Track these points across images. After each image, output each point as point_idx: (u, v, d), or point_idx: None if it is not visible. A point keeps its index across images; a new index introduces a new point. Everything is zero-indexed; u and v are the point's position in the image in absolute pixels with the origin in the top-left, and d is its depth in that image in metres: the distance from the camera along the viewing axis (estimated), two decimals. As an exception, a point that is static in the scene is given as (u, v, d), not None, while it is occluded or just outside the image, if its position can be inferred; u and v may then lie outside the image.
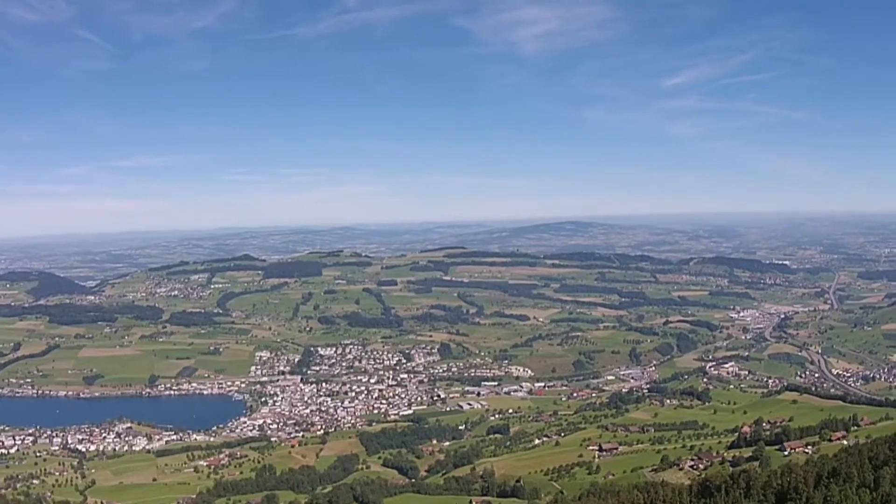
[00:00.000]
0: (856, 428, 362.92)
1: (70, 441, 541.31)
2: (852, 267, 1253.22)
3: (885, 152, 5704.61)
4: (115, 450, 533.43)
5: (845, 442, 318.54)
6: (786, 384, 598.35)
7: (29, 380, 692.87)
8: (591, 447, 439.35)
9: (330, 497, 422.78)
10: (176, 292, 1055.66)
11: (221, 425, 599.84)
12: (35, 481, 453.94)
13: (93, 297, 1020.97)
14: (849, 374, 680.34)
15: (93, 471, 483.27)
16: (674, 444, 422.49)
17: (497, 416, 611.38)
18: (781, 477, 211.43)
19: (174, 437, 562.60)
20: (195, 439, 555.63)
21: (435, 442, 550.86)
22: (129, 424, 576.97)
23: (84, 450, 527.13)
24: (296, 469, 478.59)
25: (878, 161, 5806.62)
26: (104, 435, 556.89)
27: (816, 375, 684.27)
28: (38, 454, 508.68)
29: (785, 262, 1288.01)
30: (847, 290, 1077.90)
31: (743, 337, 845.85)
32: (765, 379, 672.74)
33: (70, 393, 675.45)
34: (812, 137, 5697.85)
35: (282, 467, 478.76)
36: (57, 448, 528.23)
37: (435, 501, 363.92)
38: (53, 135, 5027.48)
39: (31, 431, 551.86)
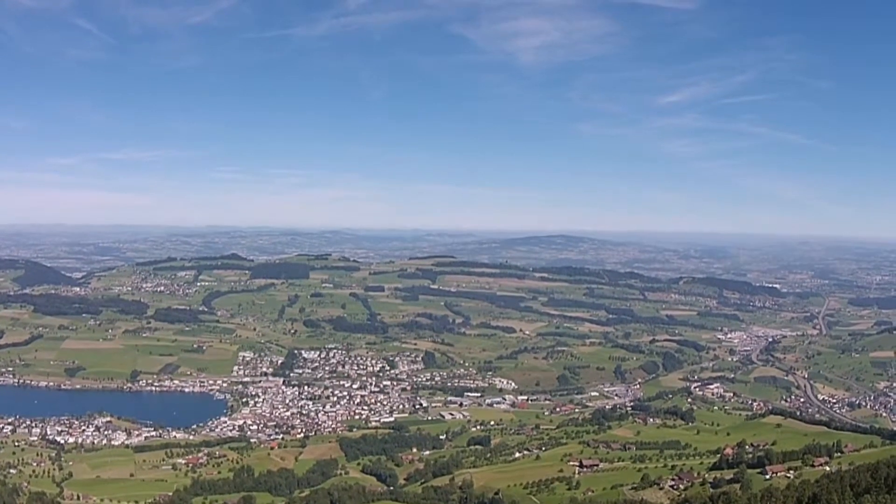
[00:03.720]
0: (839, 454, 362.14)
1: (49, 432, 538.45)
2: (843, 293, 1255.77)
3: (881, 179, 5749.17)
4: (93, 443, 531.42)
5: (828, 468, 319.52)
6: (770, 408, 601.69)
7: (10, 369, 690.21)
8: (571, 462, 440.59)
9: (307, 501, 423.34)
10: (162, 288, 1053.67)
11: (201, 424, 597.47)
12: (12, 471, 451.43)
13: (78, 289, 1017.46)
14: (834, 400, 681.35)
15: (70, 463, 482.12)
16: (655, 463, 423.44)
17: (479, 427, 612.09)
18: (762, 501, 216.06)
19: (154, 433, 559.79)
20: (174, 437, 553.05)
21: (415, 450, 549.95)
22: (108, 418, 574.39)
23: (63, 441, 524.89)
24: (274, 471, 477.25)
25: (873, 188, 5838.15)
26: (83, 428, 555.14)
27: (802, 400, 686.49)
28: (16, 444, 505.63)
29: (775, 286, 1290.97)
30: (836, 316, 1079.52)
31: (729, 358, 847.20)
32: (750, 401, 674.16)
33: (51, 384, 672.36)
34: (808, 161, 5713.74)
35: (260, 469, 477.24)
36: (35, 438, 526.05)
37: None
38: (45, 123, 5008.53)
39: (10, 421, 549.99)
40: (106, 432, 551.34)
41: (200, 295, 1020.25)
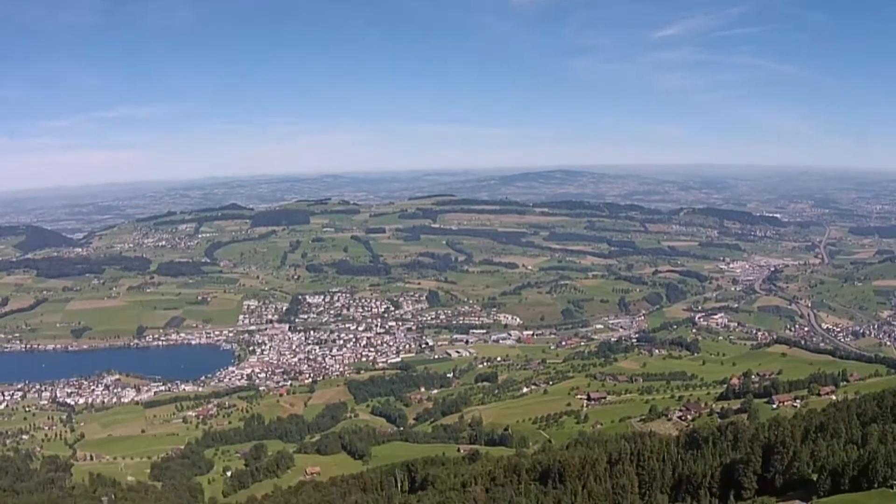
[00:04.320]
0: (845, 383, 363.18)
1: (59, 395, 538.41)
2: (843, 222, 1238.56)
3: (877, 110, 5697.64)
4: (103, 402, 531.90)
5: (834, 397, 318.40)
6: (775, 337, 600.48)
7: (17, 334, 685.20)
8: (579, 396, 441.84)
9: (318, 446, 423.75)
10: (163, 242, 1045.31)
11: (210, 375, 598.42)
12: (24, 436, 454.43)
13: (80, 250, 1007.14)
14: (839, 329, 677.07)
15: (81, 424, 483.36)
16: (662, 395, 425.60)
17: (485, 363, 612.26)
18: (769, 430, 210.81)
19: (162, 387, 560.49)
20: (183, 390, 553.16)
21: (423, 390, 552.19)
22: (117, 376, 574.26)
23: (73, 403, 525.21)
24: (284, 418, 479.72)
25: (870, 118, 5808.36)
26: (92, 388, 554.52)
27: (806, 329, 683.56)
28: (26, 409, 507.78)
29: (775, 215, 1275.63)
30: (838, 245, 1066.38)
31: (732, 288, 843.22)
32: (754, 331, 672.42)
33: (58, 346, 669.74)
34: (804, 92, 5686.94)
35: (270, 416, 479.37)
36: (46, 402, 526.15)
37: (423, 450, 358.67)
38: (38, 88, 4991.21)
39: (19, 386, 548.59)
40: (115, 390, 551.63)
41: (202, 247, 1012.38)
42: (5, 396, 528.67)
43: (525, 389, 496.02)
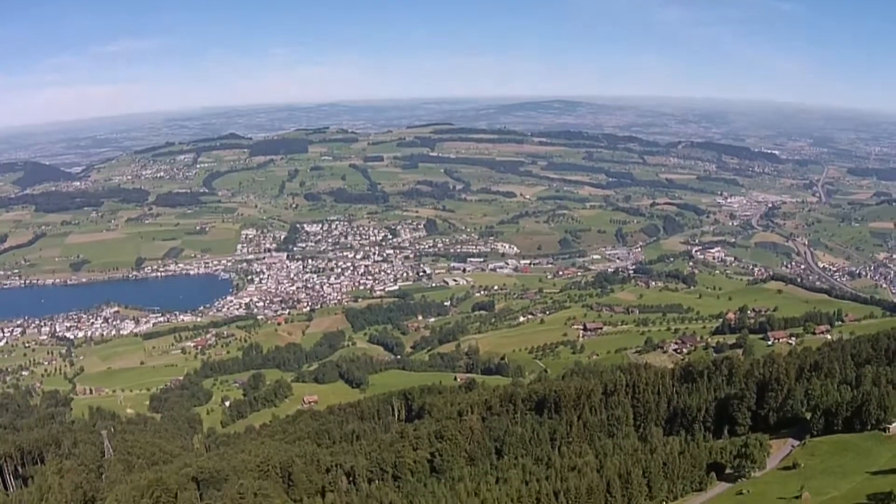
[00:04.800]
0: (840, 323, 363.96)
1: (58, 329, 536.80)
2: (841, 162, 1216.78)
3: (878, 50, 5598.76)
4: (102, 335, 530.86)
5: (829, 336, 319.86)
6: (771, 273, 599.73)
7: (16, 270, 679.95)
8: (575, 326, 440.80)
9: (316, 374, 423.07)
10: (162, 174, 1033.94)
11: (208, 305, 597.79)
12: (24, 372, 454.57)
13: (78, 183, 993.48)
14: (835, 269, 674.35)
15: (81, 358, 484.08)
16: (658, 327, 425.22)
17: (482, 292, 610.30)
18: (764, 367, 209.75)
19: (161, 318, 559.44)
20: (182, 320, 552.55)
21: (420, 318, 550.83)
22: (116, 308, 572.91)
23: (72, 337, 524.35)
24: (282, 347, 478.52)
25: (871, 59, 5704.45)
26: (92, 321, 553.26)
27: (802, 267, 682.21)
28: (26, 345, 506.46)
29: (774, 152, 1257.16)
30: (835, 185, 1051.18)
31: (730, 223, 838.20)
32: (751, 266, 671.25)
33: (57, 280, 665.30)
34: (805, 31, 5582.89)
35: (268, 345, 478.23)
36: (45, 337, 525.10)
37: (420, 378, 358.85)
38: (35, 25, 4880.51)
39: (19, 322, 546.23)
40: (114, 323, 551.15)
41: (200, 177, 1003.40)
42: (5, 333, 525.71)
43: (522, 319, 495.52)
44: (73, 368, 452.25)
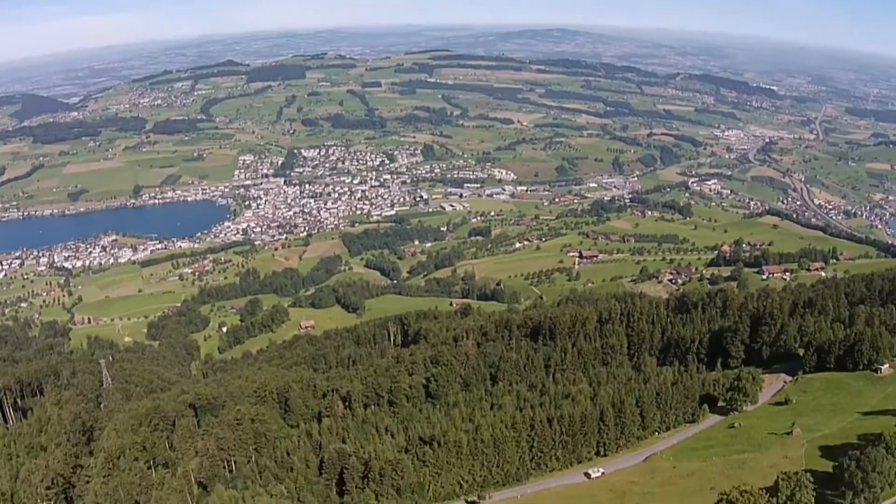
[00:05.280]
0: (835, 261, 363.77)
1: (56, 259, 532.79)
2: (840, 101, 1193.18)
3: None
4: (100, 264, 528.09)
5: (823, 273, 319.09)
6: (767, 208, 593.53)
7: (14, 202, 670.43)
8: (571, 253, 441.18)
9: (313, 299, 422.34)
10: (159, 101, 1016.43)
11: (206, 231, 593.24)
12: (23, 304, 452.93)
13: (76, 114, 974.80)
14: (830, 207, 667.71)
15: (79, 287, 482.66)
16: (653, 256, 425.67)
17: (479, 218, 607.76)
18: (758, 301, 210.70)
19: (159, 246, 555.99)
20: (180, 247, 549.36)
21: (417, 243, 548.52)
22: (114, 237, 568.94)
23: (70, 267, 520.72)
24: (279, 272, 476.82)
25: (871, 1, 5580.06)
26: (90, 250, 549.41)
27: (798, 203, 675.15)
28: (25, 276, 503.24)
29: (772, 88, 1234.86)
30: (833, 124, 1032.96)
31: (727, 156, 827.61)
32: (747, 200, 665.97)
33: (55, 211, 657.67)
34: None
35: (265, 270, 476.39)
36: (44, 268, 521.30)
37: (416, 303, 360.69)
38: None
39: (17, 254, 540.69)
40: (112, 251, 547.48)
41: (198, 104, 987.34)
42: (3, 265, 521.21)
43: (518, 245, 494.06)
44: (71, 298, 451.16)
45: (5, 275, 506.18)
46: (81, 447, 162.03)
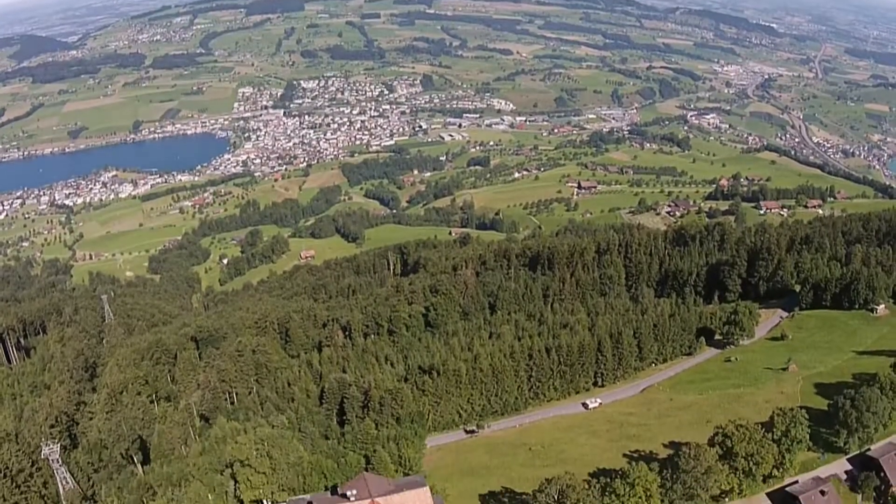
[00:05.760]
0: (832, 199, 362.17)
1: (57, 197, 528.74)
2: (839, 41, 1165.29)
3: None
4: (101, 200, 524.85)
5: (821, 211, 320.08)
6: (766, 143, 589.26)
7: (14, 143, 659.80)
8: (569, 184, 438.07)
9: (312, 229, 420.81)
10: (158, 37, 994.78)
11: (205, 164, 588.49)
12: (24, 244, 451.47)
13: (75, 52, 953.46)
14: (829, 145, 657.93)
15: (80, 224, 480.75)
16: (651, 188, 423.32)
17: (478, 147, 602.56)
18: (755, 235, 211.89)
19: (159, 180, 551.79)
20: (180, 180, 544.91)
21: (416, 173, 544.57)
22: (114, 173, 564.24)
23: (71, 204, 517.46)
24: (279, 203, 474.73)
25: None
26: (90, 186, 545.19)
27: (797, 140, 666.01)
28: (26, 216, 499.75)
29: (772, 25, 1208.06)
30: (832, 63, 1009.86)
31: (725, 91, 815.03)
32: (745, 135, 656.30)
33: (55, 149, 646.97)
34: None
35: (265, 202, 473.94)
36: (44, 207, 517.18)
37: (415, 232, 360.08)
38: None
39: (18, 195, 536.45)
40: (112, 187, 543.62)
41: (197, 38, 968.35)
42: (4, 206, 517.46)
43: (516, 175, 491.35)
44: (72, 235, 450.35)
45: (6, 215, 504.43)
46: (84, 384, 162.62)
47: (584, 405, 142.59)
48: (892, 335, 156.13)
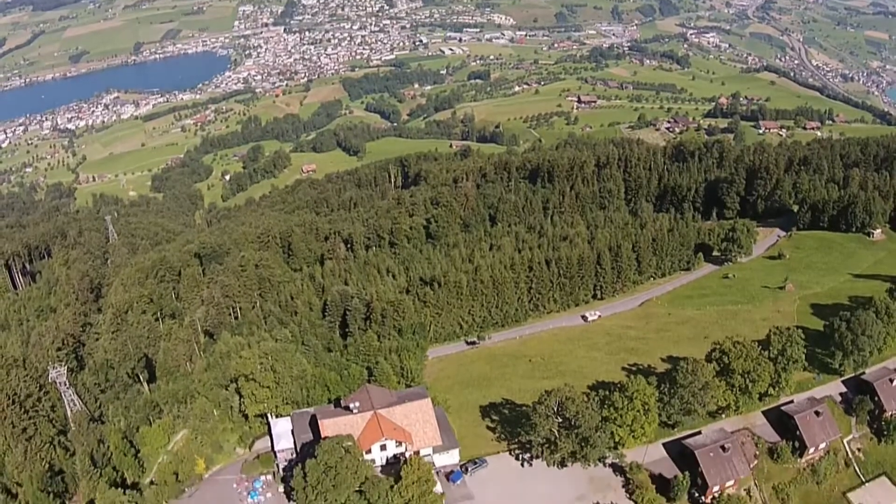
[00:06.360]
0: (831, 122, 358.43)
1: (59, 122, 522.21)
2: None
3: None
4: (103, 122, 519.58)
5: (819, 133, 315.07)
6: (765, 64, 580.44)
7: (16, 71, 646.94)
8: (569, 98, 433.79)
9: (314, 144, 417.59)
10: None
11: (207, 82, 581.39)
12: (28, 169, 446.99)
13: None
14: (828, 69, 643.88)
15: (83, 147, 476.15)
16: (651, 104, 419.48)
17: (478, 61, 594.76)
18: (754, 154, 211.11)
19: (161, 99, 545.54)
20: (181, 99, 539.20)
21: (416, 86, 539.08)
22: (116, 94, 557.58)
23: (73, 128, 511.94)
24: (280, 118, 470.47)
25: None
26: (92, 109, 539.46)
27: (796, 62, 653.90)
28: (29, 142, 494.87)
29: None
30: None
31: (725, 10, 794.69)
32: (744, 55, 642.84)
33: (57, 75, 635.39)
34: None
35: (266, 117, 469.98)
36: (47, 132, 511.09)
37: (416, 145, 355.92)
38: None
39: (21, 121, 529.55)
40: (114, 108, 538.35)
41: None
42: (7, 133, 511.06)
43: (517, 88, 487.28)
44: (75, 159, 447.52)
45: (9, 142, 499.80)
46: (90, 305, 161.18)
47: (584, 318, 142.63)
48: (889, 260, 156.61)
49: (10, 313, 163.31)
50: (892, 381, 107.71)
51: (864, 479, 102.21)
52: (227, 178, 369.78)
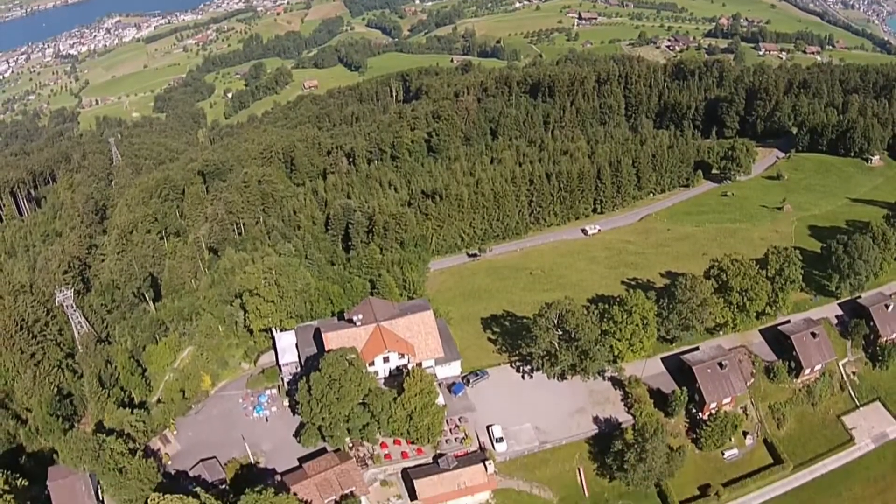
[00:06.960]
0: (830, 48, 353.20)
1: (61, 48, 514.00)
2: None
3: None
4: (105, 46, 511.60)
5: (818, 58, 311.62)
6: None
7: (17, 1, 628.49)
8: (570, 14, 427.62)
9: (315, 60, 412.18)
10: None
11: (208, 2, 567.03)
12: (31, 97, 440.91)
13: None
14: None
15: (86, 71, 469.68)
16: (652, 23, 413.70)
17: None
18: (754, 75, 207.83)
19: (163, 21, 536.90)
20: (183, 20, 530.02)
21: (417, 2, 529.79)
22: (117, 18, 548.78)
23: (76, 53, 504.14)
24: (282, 36, 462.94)
25: None
26: (94, 34, 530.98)
27: None
28: (31, 70, 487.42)
29: None
30: None
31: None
32: None
33: (58, 2, 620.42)
34: None
35: (268, 35, 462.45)
36: (49, 59, 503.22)
37: (417, 60, 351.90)
38: None
39: (23, 50, 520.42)
40: (116, 32, 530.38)
41: None
42: (10, 63, 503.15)
43: (517, 4, 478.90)
44: (78, 83, 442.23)
45: (12, 72, 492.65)
46: (95, 227, 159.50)
47: (584, 231, 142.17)
48: (886, 186, 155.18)
49: (16, 240, 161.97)
50: (887, 306, 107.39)
51: (858, 404, 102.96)
52: (230, 95, 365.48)
